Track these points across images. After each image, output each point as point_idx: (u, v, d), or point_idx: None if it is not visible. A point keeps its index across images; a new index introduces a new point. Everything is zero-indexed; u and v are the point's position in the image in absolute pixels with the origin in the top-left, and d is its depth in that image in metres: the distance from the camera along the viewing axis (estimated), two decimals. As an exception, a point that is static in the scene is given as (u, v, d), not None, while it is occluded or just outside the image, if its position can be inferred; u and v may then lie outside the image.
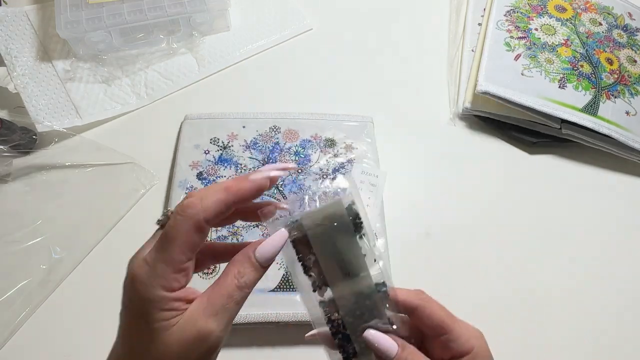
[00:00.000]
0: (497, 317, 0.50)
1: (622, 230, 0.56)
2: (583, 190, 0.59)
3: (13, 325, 0.46)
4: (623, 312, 0.51)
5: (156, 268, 0.25)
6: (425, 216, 0.55)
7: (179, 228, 0.25)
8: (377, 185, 0.55)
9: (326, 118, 0.59)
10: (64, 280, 0.49)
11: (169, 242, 0.25)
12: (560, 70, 0.63)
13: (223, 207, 0.26)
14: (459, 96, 0.64)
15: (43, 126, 0.56)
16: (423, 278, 0.51)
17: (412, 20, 0.73)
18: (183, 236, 0.25)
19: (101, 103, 0.60)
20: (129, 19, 0.60)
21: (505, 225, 0.55)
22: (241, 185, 0.27)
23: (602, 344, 0.49)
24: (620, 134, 0.58)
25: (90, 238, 0.51)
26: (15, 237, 0.50)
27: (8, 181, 0.54)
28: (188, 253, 0.25)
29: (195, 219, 0.25)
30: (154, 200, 0.54)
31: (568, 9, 0.70)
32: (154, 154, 0.57)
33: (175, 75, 0.64)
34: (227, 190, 0.26)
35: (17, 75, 0.59)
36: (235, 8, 0.70)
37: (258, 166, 0.55)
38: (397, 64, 0.68)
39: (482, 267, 0.53)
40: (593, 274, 0.53)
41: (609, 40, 0.67)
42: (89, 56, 0.62)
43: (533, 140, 0.61)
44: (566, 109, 0.59)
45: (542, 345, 0.48)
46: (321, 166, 0.55)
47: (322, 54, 0.68)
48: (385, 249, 0.50)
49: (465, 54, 0.68)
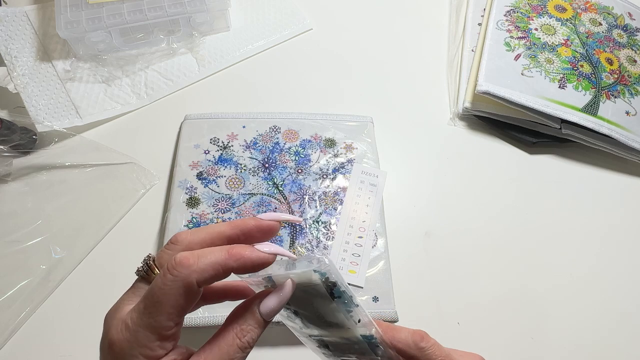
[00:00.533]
0: (497, 317, 0.50)
1: (623, 230, 0.56)
2: (583, 190, 0.59)
3: (13, 325, 0.45)
4: (623, 312, 0.51)
5: (138, 335, 0.21)
6: (425, 216, 0.55)
7: (168, 290, 0.21)
8: (377, 185, 0.55)
9: (326, 118, 0.59)
10: (64, 280, 0.49)
11: (155, 305, 0.22)
12: (560, 70, 0.63)
13: (221, 272, 0.22)
14: (459, 96, 0.64)
15: (43, 126, 0.56)
16: (423, 278, 0.51)
17: (412, 20, 0.73)
18: (172, 300, 0.21)
19: (101, 103, 0.60)
20: (129, 19, 0.60)
21: (505, 225, 0.56)
22: (246, 254, 0.23)
23: (602, 344, 0.49)
24: (621, 134, 0.58)
25: (90, 238, 0.51)
26: (15, 237, 0.50)
27: (8, 181, 0.54)
28: (176, 318, 0.22)
29: (187, 281, 0.22)
30: (154, 200, 0.54)
31: (568, 9, 0.70)
32: (154, 154, 0.57)
33: (175, 75, 0.64)
34: (230, 254, 0.23)
35: (17, 75, 0.59)
36: (235, 8, 0.70)
37: (258, 166, 0.55)
38: (397, 63, 0.68)
39: (482, 267, 0.53)
40: (593, 273, 0.53)
41: (609, 40, 0.67)
42: (89, 56, 0.62)
43: (533, 140, 0.61)
44: (566, 109, 0.59)
45: (543, 344, 0.48)
46: (321, 166, 0.55)
47: (322, 54, 0.68)
48: (385, 249, 0.50)
49: (465, 54, 0.68)
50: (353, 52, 0.69)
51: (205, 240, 0.24)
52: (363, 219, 0.52)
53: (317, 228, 0.51)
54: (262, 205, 0.52)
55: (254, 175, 0.54)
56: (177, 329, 0.23)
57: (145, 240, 0.52)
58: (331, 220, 0.52)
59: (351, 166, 0.55)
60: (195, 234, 0.25)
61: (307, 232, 0.50)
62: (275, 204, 0.52)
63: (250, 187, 0.53)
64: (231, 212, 0.51)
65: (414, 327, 0.48)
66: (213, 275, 0.22)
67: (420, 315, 0.49)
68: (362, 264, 0.49)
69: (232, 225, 0.25)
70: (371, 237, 0.51)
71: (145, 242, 0.51)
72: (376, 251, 0.50)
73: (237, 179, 0.54)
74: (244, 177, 0.54)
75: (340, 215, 0.52)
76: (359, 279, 0.48)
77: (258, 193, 0.53)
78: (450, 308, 0.50)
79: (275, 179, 0.54)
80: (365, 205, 0.53)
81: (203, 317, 0.44)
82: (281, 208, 0.52)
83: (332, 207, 0.52)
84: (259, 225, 0.25)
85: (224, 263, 0.22)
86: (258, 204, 0.52)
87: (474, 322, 0.49)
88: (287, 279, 0.24)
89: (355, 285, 0.48)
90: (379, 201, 0.54)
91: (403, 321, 0.46)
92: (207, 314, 0.45)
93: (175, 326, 0.22)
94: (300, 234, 0.50)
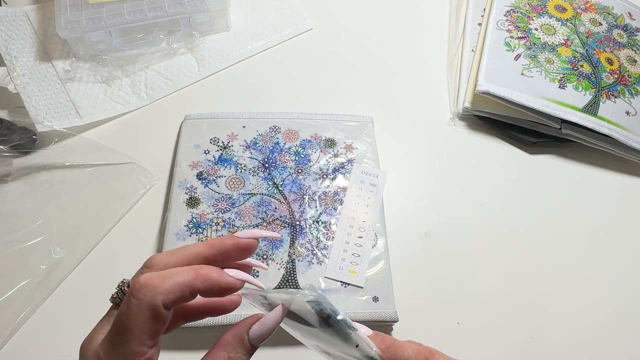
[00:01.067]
0: (497, 317, 0.50)
1: (623, 230, 0.56)
2: (583, 190, 0.59)
3: (13, 325, 0.46)
4: (624, 312, 0.51)
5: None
6: (425, 216, 0.55)
7: (133, 316, 0.20)
8: (377, 185, 0.55)
9: (326, 118, 0.59)
10: (64, 280, 0.49)
11: (124, 333, 0.21)
12: (560, 70, 0.63)
13: (187, 293, 0.21)
14: (459, 96, 0.64)
15: (43, 126, 0.56)
16: (423, 278, 0.51)
17: (412, 20, 0.73)
18: (139, 325, 0.20)
19: (101, 103, 0.60)
20: (129, 19, 0.60)
21: (505, 225, 0.56)
22: (214, 277, 0.22)
23: (602, 344, 0.49)
24: (621, 134, 0.58)
25: (90, 238, 0.51)
26: (15, 237, 0.50)
27: (8, 181, 0.54)
28: (148, 342, 0.21)
29: (152, 304, 0.20)
30: (154, 200, 0.54)
31: (568, 9, 0.70)
32: (154, 154, 0.57)
33: (175, 75, 0.64)
34: (197, 275, 0.22)
35: (17, 75, 0.59)
36: (235, 8, 0.70)
37: (258, 166, 0.55)
38: (397, 63, 0.68)
39: (482, 267, 0.53)
40: (593, 273, 0.53)
41: (609, 40, 0.67)
42: (89, 56, 0.62)
43: (533, 140, 0.61)
44: (566, 109, 0.59)
45: (543, 344, 0.48)
46: (321, 166, 0.55)
47: (322, 54, 0.68)
48: (385, 249, 0.50)
49: (465, 54, 0.68)
50: (353, 52, 0.69)
51: (182, 262, 0.24)
52: (363, 219, 0.52)
53: (317, 228, 0.51)
54: (262, 205, 0.52)
55: (254, 175, 0.54)
56: (153, 350, 0.22)
57: (145, 240, 0.52)
58: (331, 220, 0.52)
59: (351, 166, 0.55)
60: (172, 256, 0.24)
61: (307, 232, 0.51)
62: (275, 204, 0.52)
63: (250, 187, 0.53)
64: (231, 212, 0.51)
65: (414, 327, 0.48)
66: (180, 296, 0.21)
67: (420, 315, 0.49)
68: (362, 264, 0.49)
69: (209, 245, 0.24)
70: (371, 237, 0.51)
71: (145, 242, 0.51)
72: (376, 251, 0.50)
73: (237, 179, 0.54)
74: (244, 177, 0.54)
75: (340, 215, 0.52)
76: (358, 279, 0.48)
77: (258, 193, 0.53)
78: (450, 308, 0.50)
79: (275, 179, 0.54)
80: (365, 205, 0.53)
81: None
82: (281, 208, 0.52)
83: (332, 207, 0.52)
84: (236, 243, 0.25)
85: (190, 284, 0.22)
86: (258, 204, 0.52)
87: (474, 322, 0.49)
88: (280, 300, 0.24)
89: (355, 285, 0.48)
90: (379, 201, 0.54)
91: (403, 321, 0.46)
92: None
93: (150, 348, 0.21)
94: (300, 234, 0.50)
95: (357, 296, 0.47)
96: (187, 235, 0.49)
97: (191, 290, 0.22)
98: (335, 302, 0.46)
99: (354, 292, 0.47)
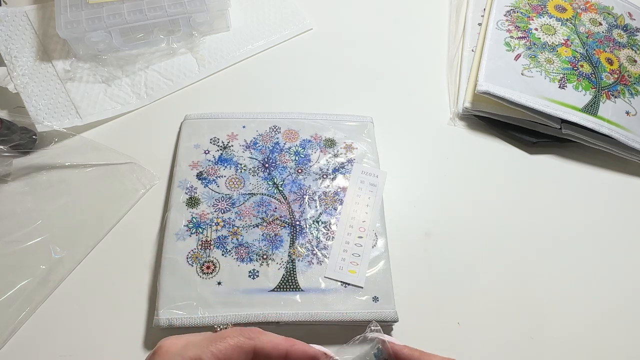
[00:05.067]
0: (497, 317, 0.50)
1: (623, 230, 0.56)
2: (583, 190, 0.59)
3: (13, 325, 0.45)
4: (624, 312, 0.51)
5: None
6: (425, 216, 0.55)
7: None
8: (377, 185, 0.55)
9: (326, 118, 0.59)
10: (64, 280, 0.49)
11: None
12: (560, 70, 0.63)
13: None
14: (459, 96, 0.64)
15: (43, 126, 0.56)
16: (423, 278, 0.51)
17: (412, 20, 0.73)
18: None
19: (101, 103, 0.60)
20: (129, 19, 0.60)
21: (505, 225, 0.55)
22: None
23: (602, 344, 0.49)
24: (621, 134, 0.58)
25: (90, 238, 0.51)
26: (15, 237, 0.50)
27: (8, 181, 0.54)
28: None
29: None
30: (154, 200, 0.54)
31: (568, 9, 0.70)
32: (154, 154, 0.57)
33: (175, 75, 0.64)
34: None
35: (17, 75, 0.59)
36: (235, 8, 0.70)
37: (258, 166, 0.55)
38: (397, 63, 0.68)
39: (482, 267, 0.53)
40: (593, 273, 0.53)
41: (609, 40, 0.67)
42: (89, 56, 0.62)
43: (533, 140, 0.61)
44: (566, 109, 0.59)
45: (543, 344, 0.48)
46: (321, 166, 0.55)
47: (322, 54, 0.68)
48: (385, 249, 0.50)
49: (465, 54, 0.68)
50: (353, 52, 0.69)
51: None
52: (363, 219, 0.52)
53: (317, 228, 0.51)
54: (262, 205, 0.52)
55: (254, 175, 0.54)
56: None
57: (145, 240, 0.52)
58: (331, 220, 0.52)
59: (351, 166, 0.55)
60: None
61: (307, 232, 0.51)
62: (275, 204, 0.52)
63: (250, 187, 0.53)
64: (231, 212, 0.51)
65: (414, 327, 0.48)
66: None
67: (420, 315, 0.49)
68: (362, 264, 0.49)
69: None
70: (371, 237, 0.51)
71: (145, 242, 0.51)
72: (376, 251, 0.50)
73: (237, 179, 0.54)
74: (244, 177, 0.54)
75: (340, 215, 0.52)
76: (358, 279, 0.48)
77: (258, 193, 0.53)
78: (450, 308, 0.50)
79: (275, 179, 0.54)
80: (365, 205, 0.53)
81: (203, 317, 0.44)
82: (281, 208, 0.52)
83: (332, 207, 0.52)
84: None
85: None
86: (258, 203, 0.52)
87: (474, 322, 0.49)
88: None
89: (355, 285, 0.48)
90: (379, 201, 0.54)
91: (403, 321, 0.46)
92: (207, 314, 0.45)
93: None
94: (300, 234, 0.50)
95: (357, 296, 0.47)
96: (187, 235, 0.49)
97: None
98: (335, 302, 0.46)
99: (354, 292, 0.47)
